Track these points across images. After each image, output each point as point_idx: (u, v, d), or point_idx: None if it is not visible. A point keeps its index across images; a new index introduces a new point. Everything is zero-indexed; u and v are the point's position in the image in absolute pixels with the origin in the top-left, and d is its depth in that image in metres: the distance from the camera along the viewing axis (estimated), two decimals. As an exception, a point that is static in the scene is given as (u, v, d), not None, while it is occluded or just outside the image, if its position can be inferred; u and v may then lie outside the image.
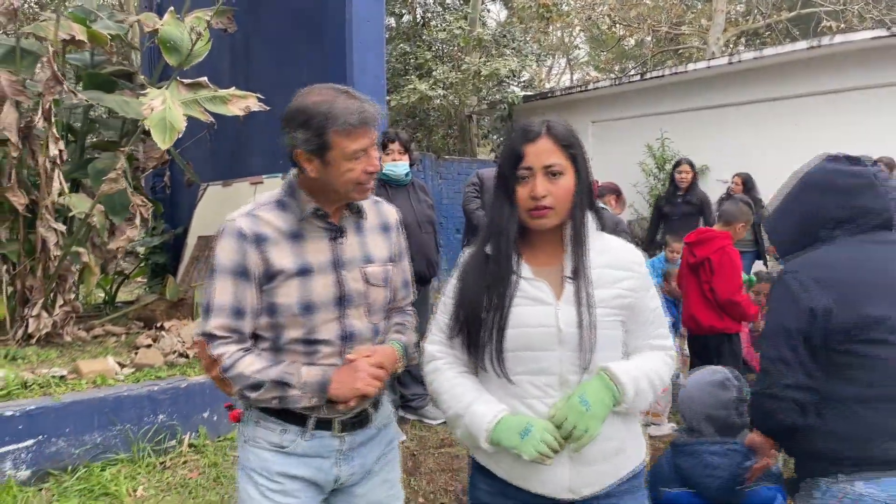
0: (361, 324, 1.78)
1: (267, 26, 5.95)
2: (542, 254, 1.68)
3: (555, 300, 1.60)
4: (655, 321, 1.71)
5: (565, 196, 1.60)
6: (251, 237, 1.67)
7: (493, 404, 1.60)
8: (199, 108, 4.23)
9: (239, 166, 6.38)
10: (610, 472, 1.63)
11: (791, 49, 9.92)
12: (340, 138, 1.63)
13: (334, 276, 1.73)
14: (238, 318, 1.69)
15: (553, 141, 1.60)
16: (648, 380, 1.61)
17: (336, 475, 1.79)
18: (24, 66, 4.40)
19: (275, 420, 1.74)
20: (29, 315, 4.61)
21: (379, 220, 1.89)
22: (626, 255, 1.70)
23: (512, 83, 15.11)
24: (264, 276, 1.69)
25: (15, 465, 3.54)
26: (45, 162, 4.40)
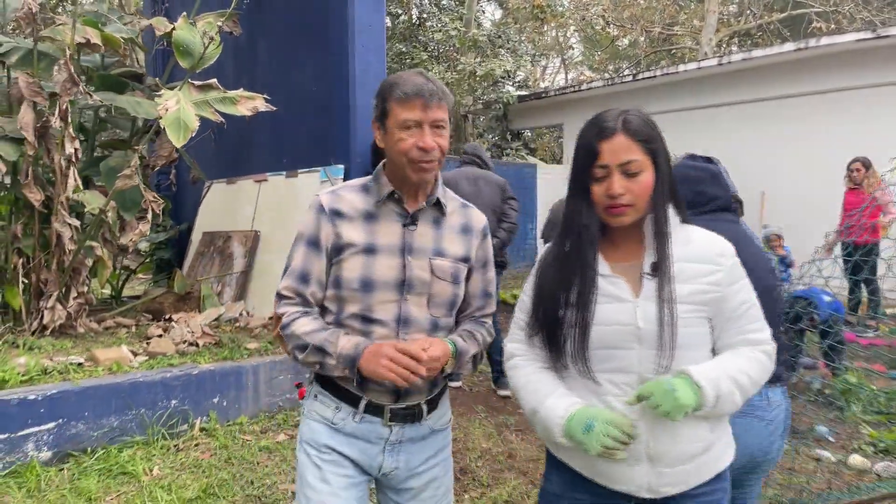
0: (420, 312, 1.80)
1: (271, 30, 6.16)
2: (621, 250, 1.64)
3: (633, 297, 1.57)
4: (746, 315, 1.61)
5: (644, 192, 1.55)
6: (328, 212, 1.78)
7: (567, 398, 1.58)
8: (209, 109, 4.45)
9: (243, 164, 6.59)
10: (692, 472, 1.58)
11: (779, 51, 10.18)
12: (396, 105, 1.70)
13: (400, 260, 1.77)
14: (304, 283, 1.79)
15: (630, 137, 1.53)
16: (733, 381, 1.52)
17: (380, 463, 1.81)
18: (40, 68, 4.61)
19: (331, 397, 1.81)
20: (44, 307, 4.80)
21: (462, 221, 1.91)
22: (711, 247, 1.62)
23: (507, 83, 15.32)
24: (334, 248, 1.77)
25: (37, 447, 3.74)
26: (59, 160, 4.61)
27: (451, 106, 1.77)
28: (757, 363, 1.58)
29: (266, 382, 4.56)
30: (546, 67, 26.78)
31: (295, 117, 5.73)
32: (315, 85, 5.55)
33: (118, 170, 4.93)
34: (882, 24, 16.51)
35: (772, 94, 10.66)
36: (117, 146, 5.72)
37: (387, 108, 1.73)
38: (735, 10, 21.87)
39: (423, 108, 1.69)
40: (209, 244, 6.54)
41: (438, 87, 1.73)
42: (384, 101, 1.73)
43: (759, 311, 1.64)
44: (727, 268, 1.59)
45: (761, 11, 19.97)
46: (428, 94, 1.69)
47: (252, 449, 4.08)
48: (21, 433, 3.68)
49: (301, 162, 5.70)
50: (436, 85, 1.73)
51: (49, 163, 4.67)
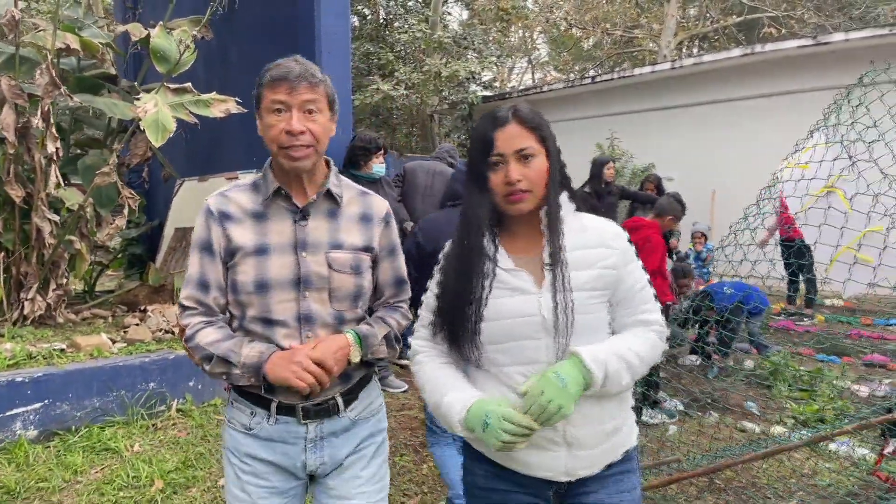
0: (322, 308, 1.76)
1: (242, 35, 6.44)
2: (521, 241, 1.66)
3: (536, 288, 1.59)
4: (639, 295, 1.66)
5: (540, 178, 1.58)
6: (216, 215, 1.74)
7: (465, 392, 1.60)
8: (185, 111, 4.75)
9: (215, 162, 6.86)
10: (607, 452, 1.62)
11: (727, 56, 10.71)
12: (265, 90, 1.68)
13: (293, 258, 1.73)
14: (203, 290, 1.75)
15: (522, 125, 1.58)
16: (623, 360, 1.56)
17: (303, 461, 1.79)
18: (22, 71, 4.86)
19: (245, 402, 1.78)
20: (24, 298, 5.05)
21: (361, 209, 1.86)
22: (604, 232, 1.66)
23: (472, 83, 15.69)
24: (227, 252, 1.74)
25: (24, 426, 4.01)
26: (39, 158, 4.86)
27: (330, 91, 1.75)
28: (648, 342, 1.62)
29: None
30: (513, 68, 27.23)
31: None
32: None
33: (95, 168, 5.20)
34: (834, 28, 17.25)
35: (722, 97, 11.20)
36: (92, 145, 5.97)
37: (260, 93, 1.70)
38: (696, 13, 22.53)
39: (290, 90, 1.65)
40: (181, 239, 6.80)
41: (309, 68, 1.70)
42: (258, 87, 1.71)
43: (650, 293, 1.68)
44: (621, 250, 1.64)
45: (718, 15, 20.64)
46: (295, 76, 1.65)
47: (226, 427, 4.40)
48: (9, 413, 3.95)
49: (270, 161, 6.00)
50: (306, 67, 1.69)
51: (29, 161, 4.92)
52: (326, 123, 1.74)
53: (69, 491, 3.56)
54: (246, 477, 1.77)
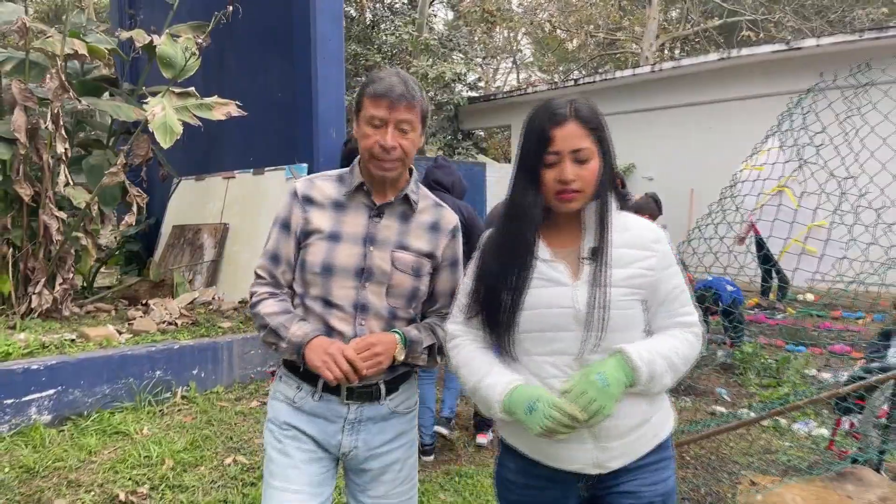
0: (378, 300, 1.85)
1: (241, 41, 6.70)
2: (561, 235, 1.67)
3: (571, 281, 1.60)
4: (678, 299, 1.67)
5: (592, 179, 1.59)
6: (301, 198, 1.88)
7: (506, 375, 1.62)
8: (189, 114, 5.01)
9: (212, 162, 7.11)
10: (635, 443, 1.62)
11: (704, 59, 11.09)
12: (367, 101, 1.78)
13: (361, 249, 1.83)
14: (275, 263, 1.89)
15: (580, 125, 1.57)
16: (666, 360, 1.58)
17: (339, 441, 1.87)
18: (31, 75, 5.09)
19: (294, 377, 1.89)
20: (32, 292, 5.28)
21: (432, 219, 1.95)
22: (646, 233, 1.67)
23: (458, 85, 15.98)
24: (303, 233, 1.86)
25: (39, 411, 4.26)
26: (47, 158, 5.10)
27: (426, 109, 1.84)
28: (687, 343, 1.64)
29: (239, 356, 5.13)
30: (498, 69, 27.58)
31: (262, 120, 6.30)
32: (280, 91, 6.15)
33: (99, 167, 5.45)
34: (811, 31, 17.73)
35: (700, 100, 11.58)
36: (94, 146, 6.19)
37: (360, 101, 1.80)
38: (677, 16, 22.95)
39: (390, 107, 1.74)
40: (179, 236, 7.04)
41: (410, 88, 1.77)
42: (360, 95, 1.81)
43: (688, 296, 1.70)
44: (661, 253, 1.65)
45: (698, 18, 21.07)
46: (396, 96, 1.73)
47: (229, 413, 4.67)
48: (25, 399, 4.20)
49: (267, 160, 6.28)
50: (407, 87, 1.76)
51: (38, 161, 5.15)
52: (417, 139, 1.85)
53: (85, 469, 3.80)
54: (287, 441, 1.86)
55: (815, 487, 2.99)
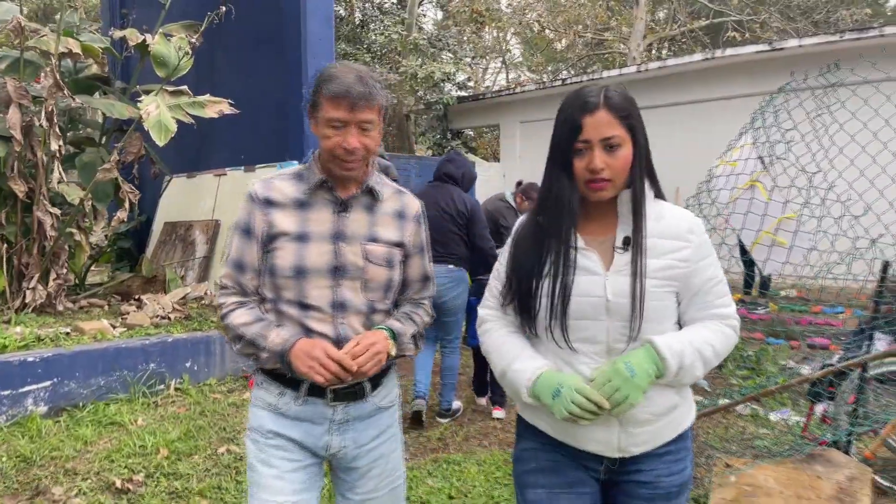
0: (355, 296, 1.82)
1: (233, 40, 6.79)
2: (595, 223, 1.65)
3: (604, 270, 1.59)
4: (713, 290, 1.64)
5: (623, 168, 1.57)
6: (260, 200, 1.81)
7: (535, 360, 1.62)
8: (182, 112, 5.10)
9: (203, 160, 7.19)
10: (659, 431, 1.63)
11: (689, 60, 11.27)
12: (325, 101, 1.72)
13: (332, 247, 1.79)
14: (240, 272, 1.83)
15: (611, 112, 1.55)
16: (697, 353, 1.56)
17: (327, 443, 1.84)
18: (26, 74, 5.17)
19: (275, 383, 1.84)
20: (26, 287, 5.36)
21: (396, 207, 1.93)
22: (681, 223, 1.64)
23: (447, 84, 16.11)
24: (267, 237, 1.80)
25: (35, 402, 4.35)
26: (41, 155, 5.18)
27: (386, 103, 1.81)
28: (722, 335, 1.62)
29: (231, 350, 5.24)
30: (487, 68, 27.71)
31: (253, 118, 6.40)
32: (272, 89, 6.25)
33: (92, 164, 5.53)
34: (796, 32, 17.97)
35: (685, 99, 11.75)
36: (86, 143, 6.27)
37: (317, 101, 1.75)
38: (665, 17, 23.16)
39: (350, 108, 1.70)
40: (171, 233, 7.12)
41: (369, 87, 1.73)
42: (316, 93, 1.76)
43: (725, 287, 1.67)
44: (696, 244, 1.62)
45: (685, 19, 21.28)
46: (356, 96, 1.69)
47: (222, 404, 4.77)
48: (22, 390, 4.29)
49: (258, 158, 6.39)
50: (366, 85, 1.72)
51: (32, 158, 5.23)
52: (378, 135, 1.82)
53: (81, 459, 3.90)
54: (271, 450, 1.82)
55: (786, 468, 3.13)
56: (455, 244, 4.58)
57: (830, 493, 2.98)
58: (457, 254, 4.57)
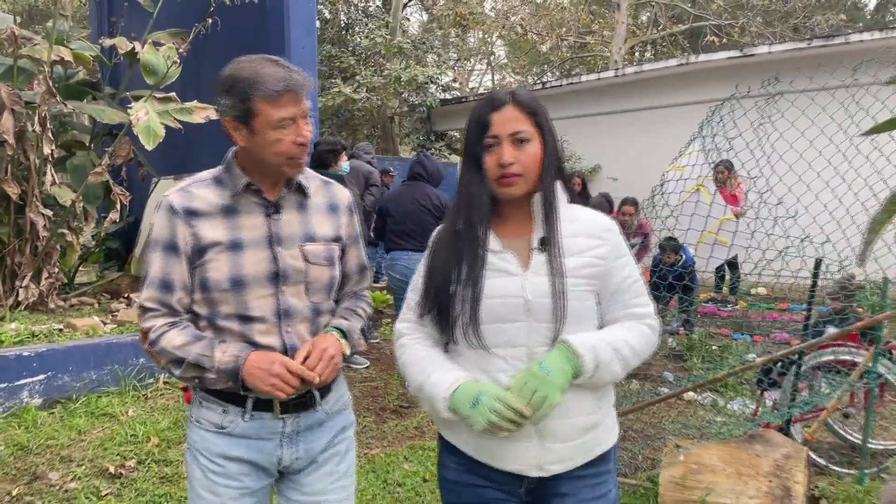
0: (300, 302, 1.74)
1: (218, 48, 6.99)
2: (511, 225, 1.65)
3: (521, 271, 1.57)
4: (631, 289, 1.65)
5: (533, 163, 1.57)
6: (181, 212, 1.66)
7: (453, 372, 1.58)
8: (171, 118, 5.34)
9: (189, 162, 7.39)
10: (579, 449, 1.59)
11: (665, 65, 11.61)
12: (264, 105, 1.59)
13: (269, 252, 1.70)
14: (166, 291, 1.68)
15: (519, 108, 1.57)
16: (613, 350, 1.55)
17: (279, 457, 1.76)
18: (19, 80, 5.38)
19: (216, 400, 1.73)
20: (19, 286, 5.57)
21: (326, 199, 1.85)
22: (596, 223, 1.66)
23: (431, 86, 16.36)
24: (195, 250, 1.67)
25: (30, 394, 4.56)
26: (34, 159, 5.40)
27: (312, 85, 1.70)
28: (640, 334, 1.62)
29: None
30: (472, 70, 27.98)
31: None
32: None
33: (83, 168, 5.75)
34: (774, 36, 18.37)
35: (662, 103, 12.07)
36: (76, 147, 6.48)
37: (251, 108, 1.59)
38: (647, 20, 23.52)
39: (296, 102, 1.62)
40: (159, 234, 7.33)
41: (302, 73, 1.65)
42: (245, 100, 1.59)
43: (642, 287, 1.68)
44: (612, 243, 1.64)
45: (666, 23, 21.65)
46: (298, 87, 1.61)
47: (209, 396, 5.00)
48: (17, 383, 4.50)
49: (243, 161, 6.60)
50: (299, 73, 1.64)
51: (25, 161, 5.45)
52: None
53: (76, 447, 4.12)
54: (216, 478, 1.73)
55: (729, 448, 3.42)
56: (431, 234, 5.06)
57: (768, 469, 3.27)
58: None
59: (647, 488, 3.60)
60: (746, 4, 19.62)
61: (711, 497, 3.21)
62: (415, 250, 5.25)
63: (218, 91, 1.65)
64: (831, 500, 3.38)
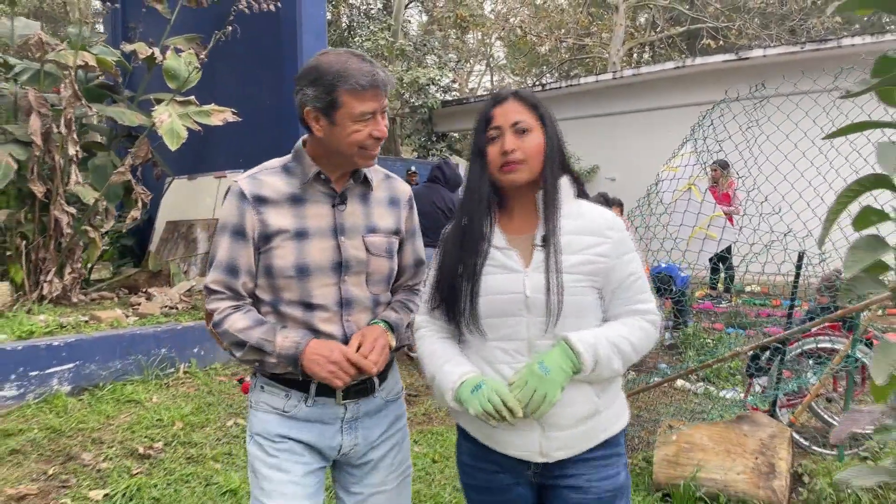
0: (360, 292, 1.77)
1: (234, 54, 7.29)
2: (517, 221, 1.69)
3: (523, 267, 1.61)
4: (634, 286, 1.66)
5: (535, 151, 1.61)
6: (251, 198, 1.70)
7: (463, 365, 1.63)
8: (190, 120, 5.61)
9: (203, 162, 7.68)
10: (582, 436, 1.62)
11: (661, 68, 11.87)
12: (349, 98, 1.62)
13: (333, 242, 1.73)
14: (232, 275, 1.71)
15: (520, 102, 1.64)
16: (613, 346, 1.58)
17: (339, 443, 1.79)
18: (45, 84, 5.65)
19: (279, 385, 1.76)
20: (43, 280, 5.83)
21: (388, 193, 1.88)
22: (600, 220, 1.67)
23: (432, 88, 16.61)
24: (261, 237, 1.70)
25: (60, 382, 4.82)
26: (59, 159, 5.66)
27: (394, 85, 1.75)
28: (640, 330, 1.63)
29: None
30: (472, 71, 28.23)
31: (252, 125, 6.89)
32: (269, 99, 6.78)
33: (103, 167, 6.01)
34: (770, 38, 18.63)
35: (659, 105, 12.34)
36: (95, 148, 6.74)
37: (336, 99, 1.63)
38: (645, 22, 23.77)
39: (377, 97, 1.66)
40: (173, 231, 7.60)
41: (385, 71, 1.69)
42: (331, 92, 1.63)
43: (645, 284, 1.69)
44: (615, 240, 1.65)
45: (664, 25, 21.91)
46: (382, 83, 1.66)
47: (227, 385, 5.27)
48: (48, 371, 4.76)
49: (257, 161, 6.80)
50: (383, 71, 1.68)
51: (49, 161, 5.70)
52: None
53: (105, 430, 4.38)
54: (283, 455, 1.74)
55: (719, 428, 3.68)
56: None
57: (754, 447, 3.54)
58: None
59: (642, 468, 3.86)
60: (743, 7, 19.87)
61: (702, 473, 3.48)
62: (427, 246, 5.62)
63: (301, 80, 1.68)
64: (812, 475, 3.64)
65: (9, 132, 5.49)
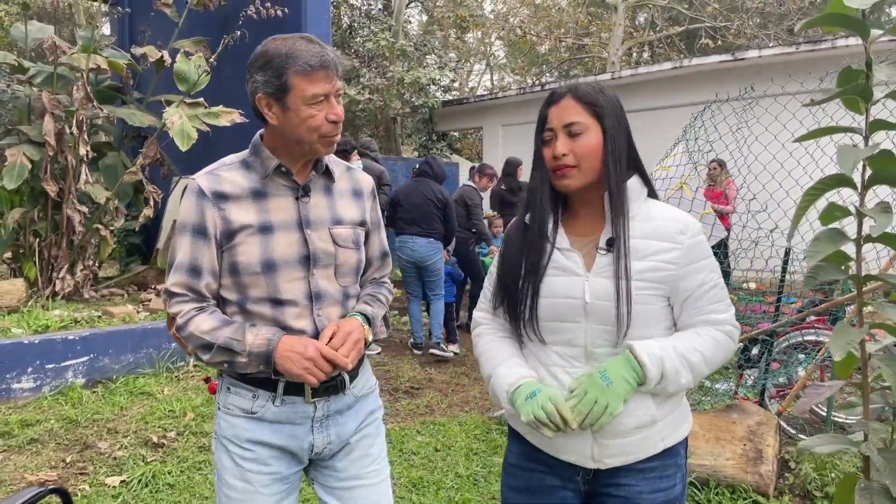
0: (330, 285, 1.73)
1: (241, 57, 7.44)
2: (582, 223, 1.63)
3: (585, 271, 1.55)
4: (706, 296, 1.55)
5: (589, 154, 1.53)
6: (210, 196, 1.64)
7: (521, 368, 1.59)
8: (199, 121, 5.77)
9: (208, 161, 7.79)
10: (636, 445, 1.55)
11: (659, 68, 12.01)
12: (299, 80, 1.57)
13: (299, 235, 1.69)
14: (194, 276, 1.66)
15: (576, 100, 1.55)
16: (682, 358, 1.49)
17: (311, 443, 1.75)
18: (59, 87, 5.81)
19: (245, 386, 1.70)
20: (56, 277, 6.00)
21: (351, 185, 1.85)
22: (672, 224, 1.57)
23: (432, 88, 16.75)
24: (224, 234, 1.65)
25: (74, 374, 4.99)
26: (71, 160, 5.82)
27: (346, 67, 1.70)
28: (713, 341, 1.54)
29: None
30: (472, 70, 28.38)
31: (257, 126, 7.03)
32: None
33: (113, 167, 6.18)
34: (769, 38, 18.79)
35: (657, 105, 12.47)
36: (104, 148, 6.91)
37: (285, 82, 1.58)
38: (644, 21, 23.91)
39: (330, 79, 1.60)
40: (180, 230, 7.77)
41: (335, 52, 1.63)
42: (280, 75, 1.58)
43: (722, 292, 1.59)
44: (686, 246, 1.54)
45: (663, 24, 22.05)
46: (332, 65, 1.59)
47: (235, 378, 5.44)
48: (63, 364, 4.94)
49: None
50: (333, 52, 1.63)
51: (62, 161, 5.87)
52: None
53: (120, 420, 4.55)
54: (247, 464, 1.70)
55: (709, 416, 3.86)
56: (435, 223, 6.14)
57: (742, 434, 3.71)
58: (436, 230, 6.13)
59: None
60: (741, 7, 20.02)
61: (692, 459, 3.64)
62: (419, 235, 6.16)
63: (251, 68, 1.64)
64: (799, 461, 3.81)
65: (23, 133, 5.66)
